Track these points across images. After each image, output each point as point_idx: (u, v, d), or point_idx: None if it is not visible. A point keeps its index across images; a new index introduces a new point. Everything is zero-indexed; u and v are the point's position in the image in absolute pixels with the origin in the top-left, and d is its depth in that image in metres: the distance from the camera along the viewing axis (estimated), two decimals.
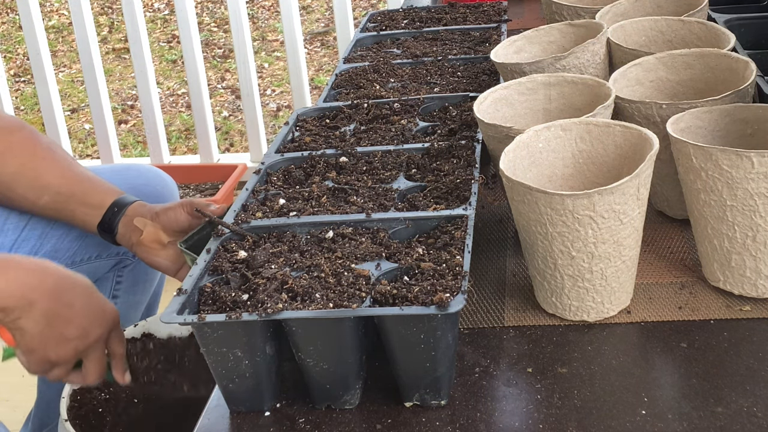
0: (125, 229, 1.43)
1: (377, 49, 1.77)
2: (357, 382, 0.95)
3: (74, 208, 1.47)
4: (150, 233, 1.39)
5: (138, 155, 4.16)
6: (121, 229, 1.43)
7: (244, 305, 0.94)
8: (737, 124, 1.10)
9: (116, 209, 1.44)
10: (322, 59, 5.05)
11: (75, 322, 1.20)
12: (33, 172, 1.48)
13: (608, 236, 1.00)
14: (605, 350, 1.01)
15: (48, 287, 1.18)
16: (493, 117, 1.20)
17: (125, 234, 1.43)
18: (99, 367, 1.26)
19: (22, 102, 4.86)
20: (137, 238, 1.41)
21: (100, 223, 1.45)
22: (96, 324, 1.22)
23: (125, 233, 1.43)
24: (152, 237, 1.40)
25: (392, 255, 1.02)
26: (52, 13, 5.87)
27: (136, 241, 1.42)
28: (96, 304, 1.23)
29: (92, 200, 1.46)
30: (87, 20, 3.24)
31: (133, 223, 1.41)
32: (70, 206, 1.47)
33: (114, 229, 1.44)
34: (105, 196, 1.46)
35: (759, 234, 1.02)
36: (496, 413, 0.93)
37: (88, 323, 1.21)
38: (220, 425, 0.96)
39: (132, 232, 1.42)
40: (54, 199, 1.47)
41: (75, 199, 1.47)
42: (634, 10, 1.50)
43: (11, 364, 1.32)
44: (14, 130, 1.50)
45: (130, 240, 1.43)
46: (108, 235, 1.46)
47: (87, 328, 1.21)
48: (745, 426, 0.88)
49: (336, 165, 1.24)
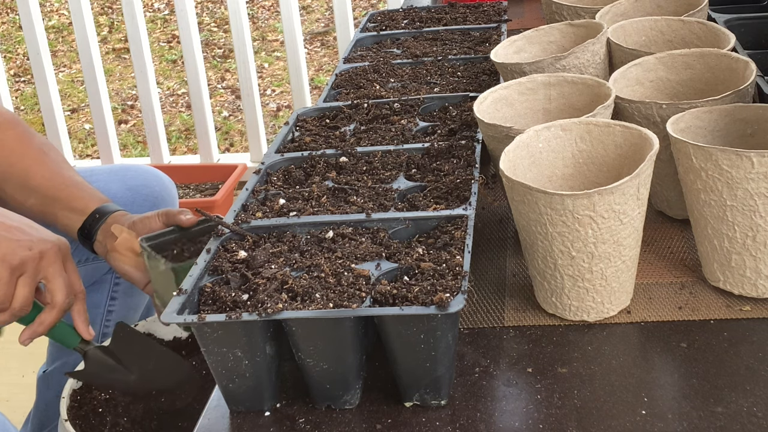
0: (102, 236, 1.40)
1: (377, 49, 1.77)
2: (357, 382, 0.95)
3: (57, 212, 1.45)
4: (125, 240, 1.36)
5: (138, 155, 4.16)
6: (99, 236, 1.41)
7: (244, 305, 0.95)
8: (737, 124, 1.10)
9: (97, 216, 1.42)
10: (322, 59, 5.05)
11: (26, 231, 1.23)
12: (22, 173, 1.47)
13: (608, 236, 1.00)
14: (605, 350, 1.01)
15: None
16: (493, 117, 1.20)
17: (102, 241, 1.40)
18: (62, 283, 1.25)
19: (22, 102, 4.86)
20: (111, 245, 1.39)
21: (80, 229, 1.43)
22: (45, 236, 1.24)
23: (102, 240, 1.40)
24: (126, 244, 1.37)
25: (392, 255, 1.02)
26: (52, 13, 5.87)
27: (110, 247, 1.39)
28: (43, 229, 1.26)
29: (76, 205, 1.44)
30: (87, 20, 3.24)
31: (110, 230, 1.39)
32: (53, 209, 1.45)
33: (93, 235, 1.41)
34: (89, 202, 1.44)
35: (759, 234, 1.02)
36: (496, 413, 0.93)
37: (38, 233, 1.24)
38: (220, 425, 0.96)
39: (108, 239, 1.39)
40: (41, 201, 1.46)
41: (59, 204, 1.45)
42: (634, 10, 1.50)
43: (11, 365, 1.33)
44: (7, 127, 1.49)
45: (105, 247, 1.40)
46: (87, 242, 1.43)
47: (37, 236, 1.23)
48: (745, 426, 0.88)
49: (336, 165, 1.24)
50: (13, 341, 2.23)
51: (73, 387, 1.47)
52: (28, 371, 2.26)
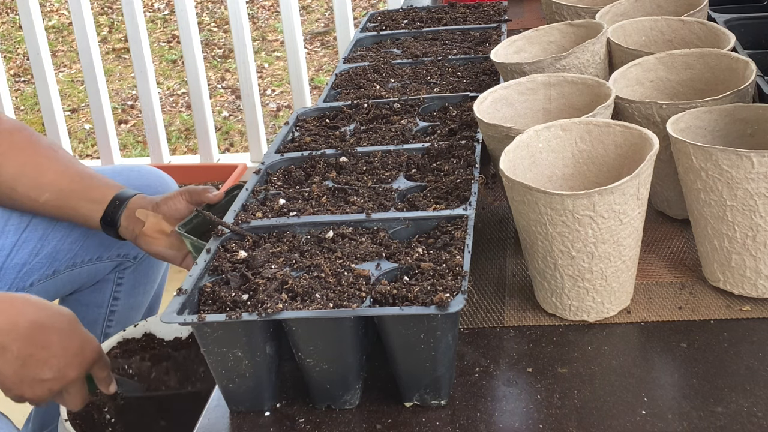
0: (128, 222, 1.44)
1: (377, 49, 1.77)
2: (357, 382, 0.95)
3: (76, 204, 1.47)
4: (152, 224, 1.40)
5: (138, 155, 4.16)
6: (124, 222, 1.44)
7: (244, 305, 0.94)
8: (737, 124, 1.10)
9: (118, 203, 1.45)
10: (322, 59, 5.05)
11: (50, 363, 1.17)
12: (34, 171, 1.48)
13: (608, 236, 1.00)
14: (605, 350, 1.01)
15: (22, 329, 1.16)
16: (493, 117, 1.20)
17: (128, 227, 1.44)
18: (78, 398, 1.24)
19: (22, 102, 4.86)
20: (140, 230, 1.42)
21: (102, 218, 1.46)
22: (73, 365, 1.19)
23: (128, 226, 1.44)
24: (154, 227, 1.41)
25: (392, 255, 1.02)
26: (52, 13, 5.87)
27: (139, 232, 1.42)
28: (75, 344, 1.20)
29: (94, 195, 1.47)
30: (87, 20, 3.24)
31: (135, 215, 1.42)
32: (71, 202, 1.48)
33: (117, 222, 1.45)
34: (106, 191, 1.46)
35: (759, 234, 1.02)
36: (496, 413, 0.93)
37: (65, 365, 1.18)
38: (220, 425, 0.96)
39: (134, 224, 1.43)
40: (56, 196, 1.48)
41: (77, 195, 1.47)
42: (634, 10, 1.50)
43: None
44: (14, 131, 1.51)
45: (133, 232, 1.43)
46: (111, 230, 1.46)
47: (63, 370, 1.18)
48: (745, 426, 0.88)
49: (336, 165, 1.24)
50: None
51: None
52: None
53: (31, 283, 1.59)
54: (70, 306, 1.76)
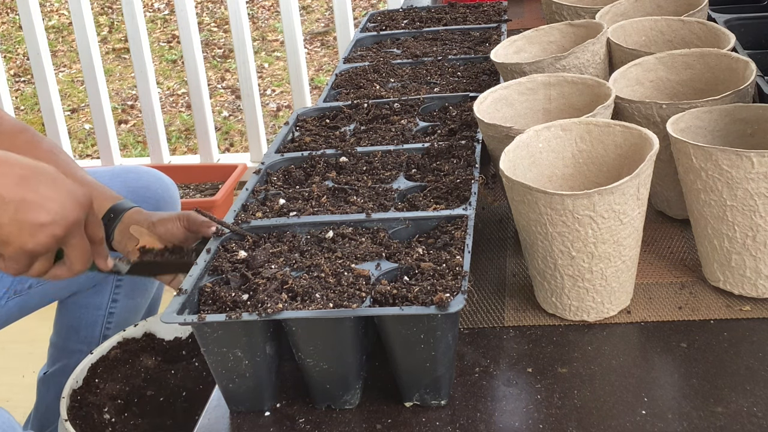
0: (121, 236, 1.41)
1: (377, 49, 1.77)
2: (357, 382, 0.95)
3: None
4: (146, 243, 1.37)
5: (138, 155, 4.16)
6: (117, 236, 1.41)
7: (244, 305, 0.95)
8: (737, 124, 1.10)
9: (112, 215, 1.42)
10: (322, 59, 5.05)
11: (46, 207, 1.14)
12: None
13: (608, 236, 1.00)
14: (605, 350, 1.01)
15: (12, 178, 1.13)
16: (493, 117, 1.20)
17: (121, 241, 1.41)
18: (82, 253, 1.19)
19: (22, 102, 4.86)
20: (132, 247, 1.39)
21: None
22: (69, 206, 1.16)
23: (121, 240, 1.41)
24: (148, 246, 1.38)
25: (392, 255, 1.02)
26: (52, 13, 5.87)
27: (132, 250, 1.39)
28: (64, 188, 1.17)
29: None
30: (87, 20, 3.24)
31: (129, 231, 1.39)
32: None
33: (110, 236, 1.42)
34: (103, 202, 1.44)
35: (759, 234, 1.02)
36: (496, 413, 0.93)
37: (60, 206, 1.15)
38: (220, 425, 0.96)
39: (128, 240, 1.39)
40: None
41: None
42: (634, 10, 1.50)
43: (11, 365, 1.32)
44: (17, 132, 1.50)
45: (126, 248, 1.40)
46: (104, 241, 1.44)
47: (60, 212, 1.15)
48: (745, 426, 0.88)
49: (336, 165, 1.24)
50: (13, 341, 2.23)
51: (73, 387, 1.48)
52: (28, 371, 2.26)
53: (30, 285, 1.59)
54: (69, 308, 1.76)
